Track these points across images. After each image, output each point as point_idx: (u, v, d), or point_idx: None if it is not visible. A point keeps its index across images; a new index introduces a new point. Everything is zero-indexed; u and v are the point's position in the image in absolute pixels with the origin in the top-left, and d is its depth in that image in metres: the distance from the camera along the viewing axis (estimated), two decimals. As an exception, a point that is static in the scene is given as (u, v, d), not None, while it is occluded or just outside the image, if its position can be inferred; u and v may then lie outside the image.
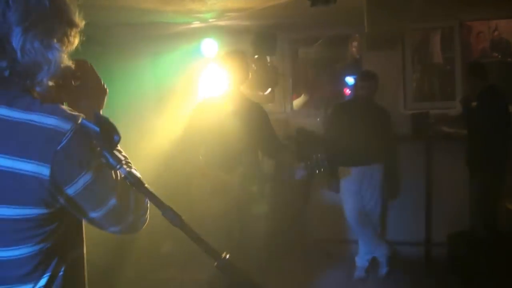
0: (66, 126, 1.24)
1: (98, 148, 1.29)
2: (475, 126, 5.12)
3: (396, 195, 5.76)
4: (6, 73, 1.27)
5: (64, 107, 1.32)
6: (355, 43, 6.81)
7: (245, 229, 4.16)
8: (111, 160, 1.25)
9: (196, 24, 5.48)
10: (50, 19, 1.28)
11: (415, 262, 5.76)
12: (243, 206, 4.07)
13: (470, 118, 5.19)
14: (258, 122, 4.17)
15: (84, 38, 1.44)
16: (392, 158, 5.57)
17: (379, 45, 5.71)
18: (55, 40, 1.30)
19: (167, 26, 5.53)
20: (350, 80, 6.56)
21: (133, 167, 1.40)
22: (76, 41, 1.40)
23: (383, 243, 5.55)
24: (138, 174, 1.30)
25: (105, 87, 1.61)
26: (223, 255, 1.29)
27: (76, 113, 1.30)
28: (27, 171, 1.22)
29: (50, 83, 1.33)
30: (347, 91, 6.76)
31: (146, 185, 1.30)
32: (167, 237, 5.83)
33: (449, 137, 5.54)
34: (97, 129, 1.25)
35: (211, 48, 5.73)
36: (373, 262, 5.58)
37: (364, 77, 5.31)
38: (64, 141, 1.23)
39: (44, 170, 1.23)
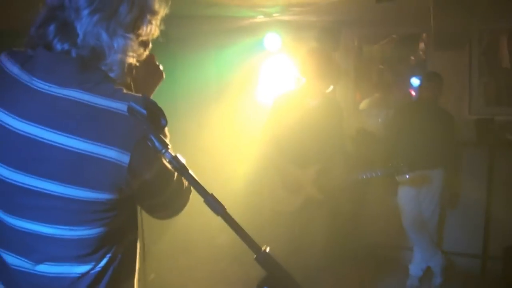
0: (144, 112, 1.28)
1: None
2: None
3: (455, 203, 5.59)
4: (73, 53, 1.31)
5: (143, 96, 1.35)
6: (422, 44, 6.66)
7: (308, 227, 4.15)
8: (157, 143, 1.25)
9: (260, 19, 5.53)
10: (119, 4, 1.32)
11: (470, 275, 5.57)
12: (311, 204, 4.06)
13: None
14: (335, 119, 4.18)
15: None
16: (454, 164, 5.41)
17: (445, 45, 5.57)
18: (123, 27, 1.33)
19: (231, 20, 5.61)
20: (415, 81, 6.43)
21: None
22: (154, 29, 1.43)
23: (439, 252, 5.40)
24: (183, 160, 1.30)
25: (162, 72, 1.66)
26: (263, 248, 1.28)
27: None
28: (109, 157, 1.27)
29: (125, 71, 1.38)
30: (412, 93, 6.63)
31: (190, 171, 1.29)
32: (223, 229, 5.89)
33: (514, 146, 5.34)
34: (144, 112, 1.25)
35: (274, 42, 5.77)
36: (427, 272, 5.43)
37: (429, 78, 5.21)
38: (140, 134, 1.28)
39: (124, 158, 1.28)
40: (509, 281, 4.96)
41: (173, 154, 1.26)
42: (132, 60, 1.38)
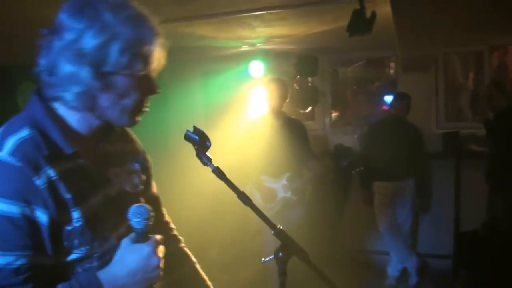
0: None
1: (195, 149, 1.62)
2: (495, 144, 5.40)
3: (426, 209, 6.15)
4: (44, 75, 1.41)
5: (19, 140, 1.34)
6: (392, 64, 7.18)
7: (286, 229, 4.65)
8: (204, 159, 1.62)
9: (245, 48, 5.99)
10: (85, 30, 1.37)
11: (443, 274, 6.00)
12: (287, 208, 4.69)
13: (490, 136, 5.49)
14: (298, 134, 4.84)
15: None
16: (424, 174, 5.90)
17: (413, 68, 6.14)
18: (80, 54, 1.36)
19: (218, 49, 6.03)
20: (388, 98, 6.87)
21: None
22: (132, 62, 1.42)
23: (414, 254, 5.83)
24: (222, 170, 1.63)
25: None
26: (278, 226, 1.69)
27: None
28: None
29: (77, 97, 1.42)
30: (387, 108, 7.04)
31: (227, 176, 1.65)
32: (215, 243, 6.32)
33: (478, 155, 5.83)
34: (197, 137, 1.63)
35: (258, 69, 6.23)
36: (404, 273, 5.85)
37: (398, 98, 5.73)
38: None
39: None
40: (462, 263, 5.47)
41: (215, 165, 1.65)
42: (84, 89, 1.36)
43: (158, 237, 1.45)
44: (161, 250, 1.44)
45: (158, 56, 1.48)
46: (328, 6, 4.00)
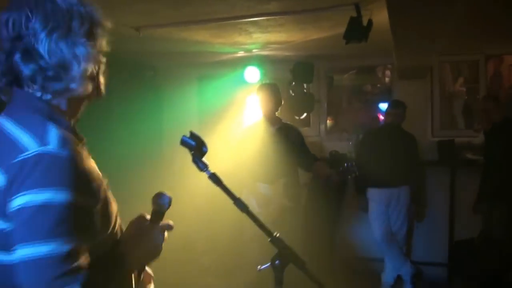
0: (32, 146, 1.28)
1: (192, 155, 1.66)
2: (490, 157, 5.40)
3: (421, 217, 6.14)
4: (39, 81, 1.39)
5: (57, 131, 1.35)
6: (387, 72, 7.21)
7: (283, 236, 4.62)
8: (200, 164, 1.65)
9: (241, 54, 6.01)
10: (71, 20, 1.41)
11: (438, 282, 6.04)
12: (284, 214, 4.60)
13: (486, 149, 5.49)
14: (294, 140, 4.79)
15: (138, 64, 1.71)
16: (419, 182, 5.92)
17: (408, 76, 6.15)
18: (80, 39, 1.42)
19: (213, 54, 6.04)
20: (384, 106, 6.89)
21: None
22: (102, 39, 1.51)
23: (408, 262, 5.81)
24: (218, 176, 1.67)
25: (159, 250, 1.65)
26: (275, 233, 1.70)
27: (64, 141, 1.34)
28: None
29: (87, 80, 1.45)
30: (381, 117, 7.05)
31: (223, 182, 1.68)
32: (208, 250, 6.30)
33: (473, 164, 5.85)
34: (193, 143, 1.66)
35: (254, 75, 6.26)
36: (398, 280, 5.84)
37: (393, 106, 5.76)
38: (21, 158, 1.26)
39: (2, 178, 1.27)
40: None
41: (212, 172, 1.67)
42: (93, 68, 1.45)
43: (168, 223, 1.68)
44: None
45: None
46: (325, 13, 4.00)
